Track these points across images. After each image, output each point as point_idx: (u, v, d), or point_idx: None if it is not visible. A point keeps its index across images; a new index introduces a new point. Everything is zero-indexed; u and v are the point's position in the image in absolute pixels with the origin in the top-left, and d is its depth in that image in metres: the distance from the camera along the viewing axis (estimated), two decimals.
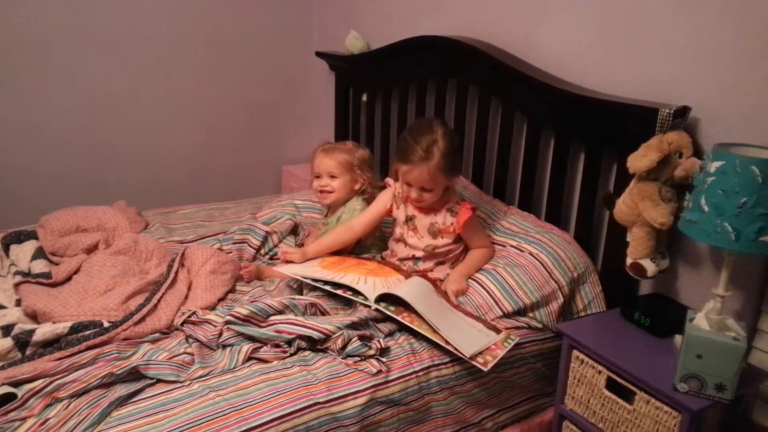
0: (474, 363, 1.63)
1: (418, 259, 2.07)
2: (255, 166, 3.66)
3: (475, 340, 1.70)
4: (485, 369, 1.62)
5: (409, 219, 2.08)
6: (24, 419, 1.36)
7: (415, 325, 1.70)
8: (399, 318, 1.72)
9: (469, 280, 1.98)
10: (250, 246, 2.28)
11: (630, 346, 1.68)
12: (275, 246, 2.30)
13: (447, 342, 1.65)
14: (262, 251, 2.28)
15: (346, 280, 1.85)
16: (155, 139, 3.30)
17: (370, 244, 2.23)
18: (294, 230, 2.40)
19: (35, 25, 2.84)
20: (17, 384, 1.46)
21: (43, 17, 2.85)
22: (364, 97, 3.10)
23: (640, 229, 1.77)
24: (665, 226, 1.70)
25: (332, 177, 2.23)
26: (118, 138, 3.19)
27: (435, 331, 1.68)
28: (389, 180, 2.18)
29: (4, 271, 2.05)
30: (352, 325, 1.68)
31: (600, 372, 1.66)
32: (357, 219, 2.15)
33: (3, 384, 1.44)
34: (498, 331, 1.78)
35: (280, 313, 1.73)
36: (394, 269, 1.99)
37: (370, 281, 1.85)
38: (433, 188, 1.96)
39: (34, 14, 2.83)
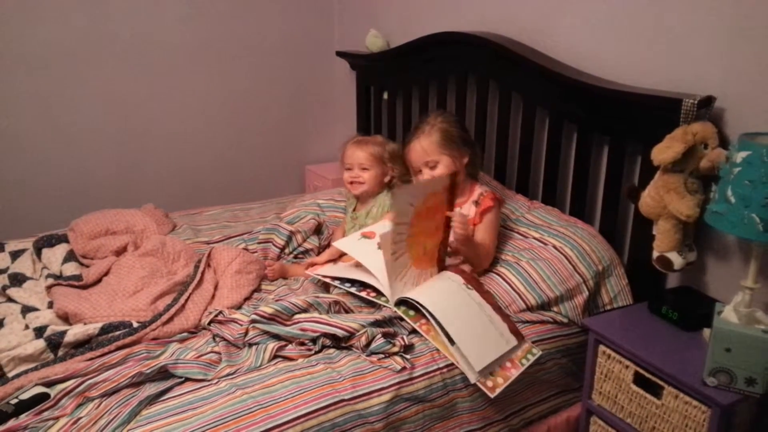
0: (482, 387, 1.62)
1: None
2: (278, 166, 3.69)
3: (491, 346, 1.68)
4: (492, 395, 1.61)
5: None
6: (57, 418, 1.40)
7: (431, 336, 1.69)
8: (416, 326, 1.71)
9: (492, 274, 1.97)
10: (275, 245, 2.30)
11: (657, 340, 1.66)
12: (299, 245, 2.32)
13: (457, 362, 1.64)
14: (287, 250, 2.31)
15: (376, 270, 1.82)
16: (181, 142, 3.35)
17: None
18: (318, 230, 2.42)
19: (62, 36, 2.90)
20: (50, 384, 1.50)
21: (69, 27, 2.91)
22: (385, 95, 3.10)
23: (666, 222, 1.75)
24: (691, 218, 1.68)
25: (363, 169, 2.26)
26: (144, 142, 3.24)
27: (447, 347, 1.65)
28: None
29: (36, 275, 2.10)
30: (376, 323, 1.69)
31: (627, 367, 1.65)
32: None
33: (36, 384, 1.48)
34: (521, 338, 1.76)
35: (305, 311, 1.74)
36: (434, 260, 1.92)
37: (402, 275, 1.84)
38: (437, 162, 2.00)
39: (61, 25, 2.89)
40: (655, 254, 1.80)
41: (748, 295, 1.49)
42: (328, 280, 1.93)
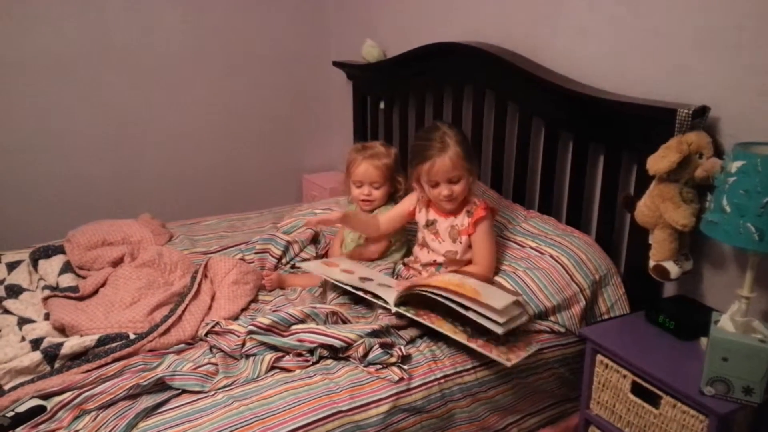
0: (497, 359, 1.62)
1: (440, 264, 2.07)
2: (276, 176, 3.69)
3: (494, 294, 1.70)
4: (509, 364, 1.61)
5: (430, 223, 2.08)
6: (54, 431, 1.39)
7: (436, 325, 1.70)
8: (420, 319, 1.72)
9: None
10: (272, 255, 2.30)
11: (655, 349, 1.66)
12: (296, 255, 2.32)
13: (469, 339, 1.65)
14: (284, 260, 2.31)
15: (375, 290, 1.85)
16: (178, 152, 3.35)
17: (395, 250, 2.24)
18: (314, 239, 2.42)
19: (57, 45, 2.92)
20: (46, 397, 1.49)
21: (65, 36, 2.92)
22: (382, 105, 3.12)
23: (662, 231, 1.75)
24: (687, 227, 1.68)
25: (375, 187, 2.26)
26: (141, 152, 3.25)
27: (456, 331, 1.67)
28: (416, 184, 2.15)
29: (33, 286, 2.10)
30: (373, 333, 1.69)
31: (625, 376, 1.65)
32: (383, 214, 2.19)
33: (33, 397, 1.48)
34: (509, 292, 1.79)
35: (302, 322, 1.74)
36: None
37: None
38: (459, 177, 1.96)
39: (56, 34, 2.90)
40: (652, 263, 1.80)
41: (745, 304, 1.49)
42: (329, 278, 1.93)
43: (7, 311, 1.91)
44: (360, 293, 1.84)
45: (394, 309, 1.76)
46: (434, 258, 2.08)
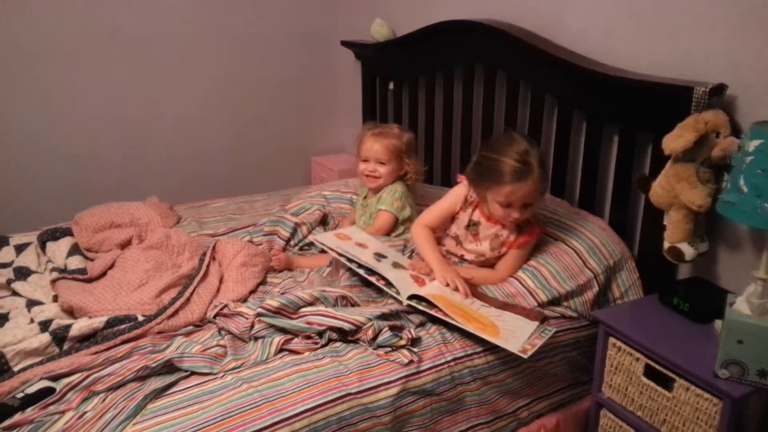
0: (515, 352, 1.60)
1: (465, 260, 2.03)
2: (284, 158, 3.67)
3: (515, 329, 1.68)
4: (525, 356, 1.59)
5: (472, 224, 1.98)
6: (62, 413, 1.39)
7: (449, 318, 1.68)
8: (432, 312, 1.70)
9: None
10: (280, 237, 2.29)
11: (668, 332, 1.64)
12: (304, 237, 2.31)
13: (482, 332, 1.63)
14: (292, 242, 2.30)
15: (388, 274, 1.83)
16: (185, 135, 3.33)
17: (407, 230, 2.21)
18: (323, 221, 2.41)
19: (65, 27, 2.89)
20: (55, 378, 1.49)
21: (70, 21, 2.90)
22: (391, 86, 3.08)
23: (677, 212, 1.72)
24: (703, 208, 1.65)
25: (380, 163, 2.22)
26: (149, 135, 3.23)
27: (468, 323, 1.65)
28: (462, 177, 2.02)
29: (41, 268, 2.10)
30: (383, 316, 1.68)
31: (638, 359, 1.63)
32: (427, 218, 2.03)
33: (42, 378, 1.48)
34: (533, 317, 1.76)
35: (311, 305, 1.73)
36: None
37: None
38: (534, 200, 1.85)
39: (64, 15, 2.88)
40: (666, 245, 1.77)
41: (761, 286, 1.47)
42: (333, 254, 1.91)
43: (15, 293, 1.91)
44: (372, 279, 1.82)
45: (405, 302, 1.74)
46: (462, 253, 2.02)
